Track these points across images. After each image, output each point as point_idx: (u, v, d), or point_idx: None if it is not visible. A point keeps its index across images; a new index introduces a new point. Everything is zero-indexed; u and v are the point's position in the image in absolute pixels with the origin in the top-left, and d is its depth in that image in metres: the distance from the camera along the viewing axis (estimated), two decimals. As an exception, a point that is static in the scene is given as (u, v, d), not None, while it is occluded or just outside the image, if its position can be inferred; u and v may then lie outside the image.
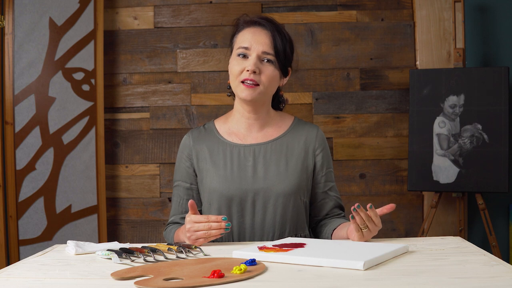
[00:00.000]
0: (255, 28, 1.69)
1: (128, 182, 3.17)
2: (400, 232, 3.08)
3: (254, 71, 1.64)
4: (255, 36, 1.67)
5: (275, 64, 1.67)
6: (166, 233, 1.77)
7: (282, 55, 1.68)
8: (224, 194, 1.68)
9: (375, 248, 1.29)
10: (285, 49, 1.70)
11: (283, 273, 1.15)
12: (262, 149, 1.72)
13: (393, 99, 3.09)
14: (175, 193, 1.78)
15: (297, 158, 1.73)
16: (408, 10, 3.10)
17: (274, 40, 1.67)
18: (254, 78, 1.64)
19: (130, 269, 1.19)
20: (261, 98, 1.68)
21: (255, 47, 1.66)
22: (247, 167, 1.70)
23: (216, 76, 3.13)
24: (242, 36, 1.70)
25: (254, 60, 1.64)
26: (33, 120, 2.82)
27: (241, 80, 1.65)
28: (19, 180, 2.77)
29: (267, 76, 1.66)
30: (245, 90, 1.65)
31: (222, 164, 1.71)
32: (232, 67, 1.68)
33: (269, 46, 1.66)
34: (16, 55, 2.77)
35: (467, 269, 1.13)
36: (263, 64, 1.66)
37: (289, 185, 1.68)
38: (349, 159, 3.10)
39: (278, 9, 3.14)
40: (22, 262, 1.33)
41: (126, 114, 3.17)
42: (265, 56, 1.66)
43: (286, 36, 1.72)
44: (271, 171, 1.69)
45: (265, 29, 1.69)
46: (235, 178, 1.68)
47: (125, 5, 3.17)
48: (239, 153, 1.72)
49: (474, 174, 2.74)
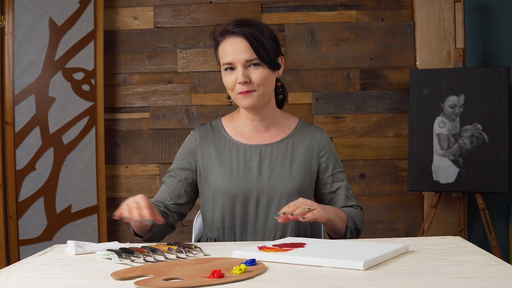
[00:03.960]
0: (230, 39, 1.67)
1: (128, 182, 3.17)
2: (400, 232, 3.08)
3: (246, 81, 1.65)
4: (233, 47, 1.66)
5: (262, 64, 1.66)
6: None
7: (264, 54, 1.66)
8: (228, 193, 1.69)
9: (375, 248, 1.29)
10: (266, 47, 1.66)
11: (283, 273, 1.15)
12: (268, 150, 1.73)
13: (393, 99, 3.09)
14: (166, 180, 1.78)
15: (301, 160, 1.74)
16: (408, 10, 3.10)
17: (251, 44, 1.65)
18: (248, 88, 1.65)
19: (130, 269, 1.19)
20: (261, 102, 1.70)
21: (237, 58, 1.65)
22: (252, 167, 1.71)
23: (216, 76, 3.13)
24: (222, 50, 1.70)
25: (241, 71, 1.65)
26: (33, 120, 2.82)
27: (237, 92, 1.67)
28: (19, 180, 2.77)
29: (259, 78, 1.66)
30: (243, 100, 1.67)
31: (228, 163, 1.72)
32: (225, 81, 1.70)
33: (249, 53, 1.65)
34: (16, 55, 2.77)
35: (467, 269, 1.13)
36: (251, 69, 1.66)
37: (293, 186, 1.69)
38: (349, 159, 3.10)
39: (278, 9, 3.14)
40: (22, 262, 1.33)
41: (126, 114, 3.17)
42: (249, 63, 1.66)
43: (262, 31, 1.68)
44: (276, 172, 1.71)
45: (239, 36, 1.66)
46: (240, 177, 1.70)
47: (125, 5, 3.17)
48: (245, 153, 1.73)
49: (474, 174, 2.74)
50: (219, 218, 1.71)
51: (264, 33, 1.68)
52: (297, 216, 1.45)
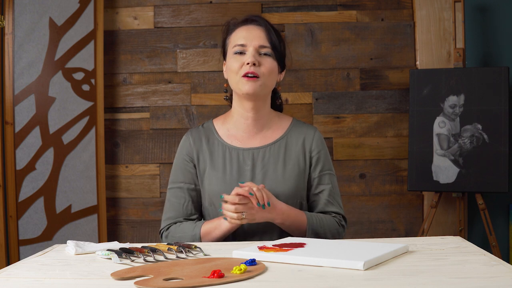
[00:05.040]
0: (248, 26, 1.71)
1: (128, 182, 3.17)
2: (400, 232, 3.08)
3: (254, 63, 1.64)
4: (249, 32, 1.69)
5: (273, 56, 1.69)
6: (175, 231, 1.70)
7: (278, 47, 1.70)
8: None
9: (375, 248, 1.29)
10: (280, 43, 1.72)
11: (283, 273, 1.15)
12: (260, 153, 1.72)
13: (393, 99, 3.09)
14: (176, 194, 1.74)
15: (295, 160, 1.72)
16: (408, 10, 3.10)
17: (268, 34, 1.69)
18: (255, 70, 1.64)
19: (130, 269, 1.19)
20: (262, 92, 1.68)
21: (251, 42, 1.67)
22: (245, 171, 1.70)
23: (216, 76, 3.13)
24: (236, 35, 1.71)
25: (252, 52, 1.66)
26: (33, 120, 2.82)
27: (242, 74, 1.65)
28: (19, 180, 2.77)
29: (267, 68, 1.66)
30: (246, 84, 1.65)
31: (222, 167, 1.71)
32: (231, 65, 1.68)
33: (264, 40, 1.68)
34: (16, 55, 2.77)
35: (467, 269, 1.13)
36: (261, 57, 1.67)
37: (287, 189, 1.68)
38: (349, 159, 3.10)
39: (278, 9, 3.14)
40: (22, 262, 1.33)
41: (126, 114, 3.17)
42: (262, 49, 1.67)
43: (278, 31, 1.75)
44: (269, 175, 1.69)
45: (258, 25, 1.71)
46: (233, 181, 1.68)
47: (125, 5, 3.17)
48: (238, 157, 1.72)
49: (474, 174, 2.74)
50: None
51: (279, 34, 1.75)
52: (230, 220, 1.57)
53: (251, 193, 1.54)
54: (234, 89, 1.71)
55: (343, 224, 1.73)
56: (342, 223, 1.73)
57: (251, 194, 1.54)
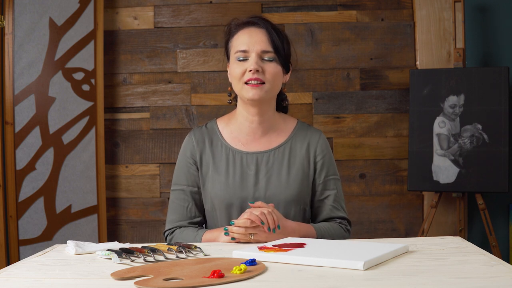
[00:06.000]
0: (249, 29, 1.66)
1: (128, 182, 3.17)
2: (400, 232, 3.08)
3: (257, 70, 1.61)
4: (251, 36, 1.64)
5: (276, 60, 1.64)
6: (177, 238, 1.69)
7: (281, 50, 1.65)
8: (224, 201, 1.66)
9: (375, 248, 1.29)
10: (283, 44, 1.67)
11: (283, 273, 1.15)
12: (264, 158, 1.69)
13: (393, 99, 3.09)
14: (179, 197, 1.72)
15: (299, 165, 1.70)
16: (408, 10, 3.10)
17: (271, 37, 1.64)
18: (259, 77, 1.61)
19: (130, 269, 1.19)
20: (268, 97, 1.65)
21: (253, 47, 1.62)
22: (249, 176, 1.67)
23: (216, 76, 3.13)
24: (237, 39, 1.66)
25: (255, 59, 1.61)
26: (33, 120, 2.82)
27: (245, 81, 1.62)
28: (19, 180, 2.77)
29: (271, 73, 1.63)
30: (251, 90, 1.61)
31: (225, 170, 1.68)
32: (233, 71, 1.65)
33: (267, 44, 1.63)
34: (16, 55, 2.77)
35: (467, 269, 1.13)
36: (264, 62, 1.63)
37: (290, 194, 1.66)
38: (349, 159, 3.10)
39: (278, 9, 3.14)
40: (22, 262, 1.33)
41: (126, 114, 3.17)
42: (264, 54, 1.63)
43: (281, 32, 1.69)
44: (272, 181, 1.67)
45: (259, 27, 1.66)
46: (236, 186, 1.66)
47: (125, 5, 3.17)
48: (241, 161, 1.69)
49: (474, 174, 2.74)
50: (220, 226, 1.68)
51: (282, 34, 1.69)
52: (238, 238, 1.52)
53: (262, 222, 1.49)
54: (238, 95, 1.68)
55: (349, 229, 1.73)
56: (348, 227, 1.73)
57: (263, 224, 1.49)
